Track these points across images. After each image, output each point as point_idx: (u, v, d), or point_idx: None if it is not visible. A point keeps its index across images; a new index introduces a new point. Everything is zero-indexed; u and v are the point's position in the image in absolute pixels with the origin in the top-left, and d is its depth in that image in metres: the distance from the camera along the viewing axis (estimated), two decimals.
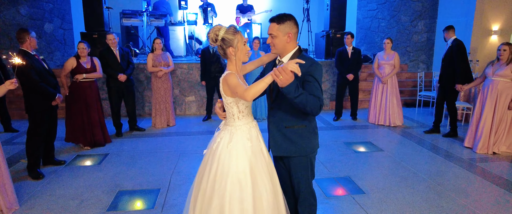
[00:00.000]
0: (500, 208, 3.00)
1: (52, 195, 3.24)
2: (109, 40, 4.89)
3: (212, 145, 2.02)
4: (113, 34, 4.92)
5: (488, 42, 7.30)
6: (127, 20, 6.70)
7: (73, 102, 4.43)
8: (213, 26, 1.91)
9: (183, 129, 5.69)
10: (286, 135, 2.03)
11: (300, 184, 2.11)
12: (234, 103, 1.95)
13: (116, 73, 4.92)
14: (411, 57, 8.55)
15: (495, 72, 4.34)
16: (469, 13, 7.20)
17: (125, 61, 5.09)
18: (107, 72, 4.95)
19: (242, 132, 1.97)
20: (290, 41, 1.96)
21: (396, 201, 3.11)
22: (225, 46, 1.90)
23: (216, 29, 1.89)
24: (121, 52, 5.07)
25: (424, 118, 6.52)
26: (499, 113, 4.36)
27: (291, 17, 1.96)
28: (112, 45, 4.92)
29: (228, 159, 1.91)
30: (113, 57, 4.94)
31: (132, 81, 5.23)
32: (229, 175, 1.88)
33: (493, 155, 4.38)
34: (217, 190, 1.89)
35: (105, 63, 4.90)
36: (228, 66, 1.97)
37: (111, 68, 4.93)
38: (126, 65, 5.09)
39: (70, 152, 4.43)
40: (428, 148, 4.69)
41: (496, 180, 3.62)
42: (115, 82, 4.98)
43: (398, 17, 8.39)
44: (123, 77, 4.95)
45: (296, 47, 2.01)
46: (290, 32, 1.94)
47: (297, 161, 2.06)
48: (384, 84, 5.83)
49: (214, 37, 1.89)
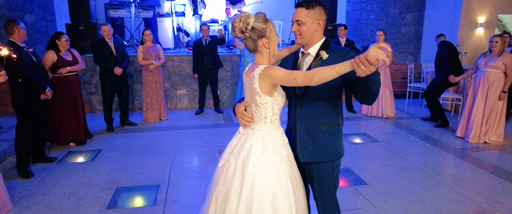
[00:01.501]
0: (497, 195, 3.08)
1: (46, 193, 3.10)
2: (104, 32, 4.72)
3: (238, 154, 1.69)
4: (107, 25, 4.75)
5: (474, 34, 7.46)
6: (114, 11, 6.46)
7: (58, 99, 4.21)
8: (239, 15, 1.62)
9: (176, 123, 5.57)
10: (317, 136, 1.74)
11: (324, 195, 1.82)
12: (270, 103, 1.66)
13: (111, 66, 4.76)
14: (400, 49, 8.66)
15: (487, 64, 4.43)
16: (457, 6, 7.33)
17: (120, 53, 4.94)
18: (102, 65, 4.78)
19: (276, 138, 1.69)
20: (319, 30, 1.71)
21: (398, 191, 3.14)
22: (257, 37, 1.61)
23: (245, 17, 1.59)
24: (116, 44, 4.91)
25: (414, 108, 6.63)
26: (490, 103, 4.47)
27: (320, 3, 1.69)
28: (107, 37, 4.76)
29: (267, 172, 1.61)
30: (108, 49, 4.78)
31: (126, 74, 5.08)
32: (270, 191, 1.59)
33: (484, 144, 4.50)
34: (257, 211, 1.58)
35: (99, 55, 4.73)
36: (258, 60, 1.69)
37: (105, 61, 4.76)
38: (121, 58, 4.93)
39: (60, 149, 4.26)
40: (422, 138, 4.77)
41: (490, 168, 3.71)
42: (109, 75, 4.81)
43: (387, 10, 8.46)
44: (119, 70, 4.80)
45: (323, 38, 1.75)
46: (321, 18, 1.68)
47: (324, 167, 1.77)
48: None
49: (244, 26, 1.58)
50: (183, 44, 8.34)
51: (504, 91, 4.39)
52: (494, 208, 2.86)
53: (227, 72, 6.73)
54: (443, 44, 5.22)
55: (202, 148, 4.32)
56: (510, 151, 4.27)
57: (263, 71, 1.61)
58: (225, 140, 4.66)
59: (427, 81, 6.71)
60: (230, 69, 6.73)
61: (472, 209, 2.83)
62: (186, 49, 7.36)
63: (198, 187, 3.24)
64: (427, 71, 6.69)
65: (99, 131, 5.02)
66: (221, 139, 4.72)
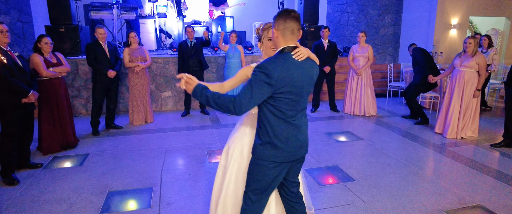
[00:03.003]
0: (475, 187, 3.28)
1: (35, 200, 3.03)
2: (99, 34, 4.74)
3: None
4: (103, 28, 4.77)
5: (448, 35, 7.84)
6: (96, 13, 6.34)
7: (43, 104, 4.12)
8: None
9: (162, 125, 5.55)
10: None
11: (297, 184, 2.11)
12: None
13: (105, 69, 4.76)
14: (379, 50, 8.95)
15: (462, 64, 4.69)
16: (432, 8, 7.67)
17: (114, 56, 4.95)
18: (96, 68, 4.77)
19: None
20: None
21: (384, 187, 3.29)
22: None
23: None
24: (110, 47, 4.91)
25: (394, 107, 6.89)
26: (465, 101, 4.73)
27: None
28: (102, 40, 4.77)
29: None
30: (102, 52, 4.78)
31: (119, 77, 5.08)
32: None
33: (461, 140, 4.76)
34: None
35: (93, 57, 4.73)
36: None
37: (99, 64, 4.76)
38: (114, 60, 4.94)
39: (47, 154, 4.15)
40: (403, 135, 4.99)
41: (468, 162, 3.94)
42: (102, 78, 4.81)
43: (366, 11, 8.73)
44: (113, 73, 4.81)
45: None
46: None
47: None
48: (359, 76, 6.07)
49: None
50: (166, 46, 8.28)
51: (478, 90, 4.66)
52: (473, 199, 3.05)
53: (212, 74, 6.75)
54: (417, 51, 5.60)
55: (192, 150, 4.34)
56: (485, 145, 4.54)
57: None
58: (213, 141, 4.70)
59: (406, 81, 7.00)
60: (215, 70, 6.76)
61: (453, 201, 3.01)
62: (170, 50, 7.32)
63: (191, 188, 3.26)
64: (406, 71, 6.97)
65: (84, 135, 4.93)
66: (210, 140, 4.75)
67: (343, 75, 7.81)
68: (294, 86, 1.74)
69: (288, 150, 1.83)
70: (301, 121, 1.87)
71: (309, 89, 1.85)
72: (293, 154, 1.86)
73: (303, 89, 1.79)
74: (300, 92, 1.78)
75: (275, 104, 1.76)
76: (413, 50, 5.71)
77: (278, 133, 1.80)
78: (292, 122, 1.81)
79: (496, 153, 4.25)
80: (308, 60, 1.82)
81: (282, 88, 1.71)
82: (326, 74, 6.17)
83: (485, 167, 3.80)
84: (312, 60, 1.87)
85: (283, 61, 1.72)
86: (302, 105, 1.86)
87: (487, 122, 5.71)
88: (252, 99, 1.68)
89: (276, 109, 1.77)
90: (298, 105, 1.81)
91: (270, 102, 1.77)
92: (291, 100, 1.77)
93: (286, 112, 1.78)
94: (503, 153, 4.26)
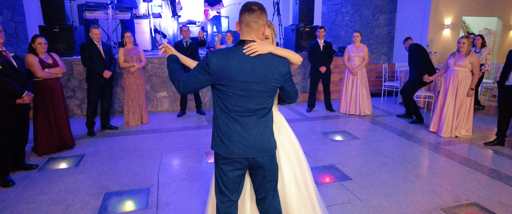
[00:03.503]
0: (470, 185, 3.33)
1: (31, 202, 3.01)
2: (94, 34, 4.72)
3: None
4: (98, 28, 4.75)
5: (442, 35, 7.92)
6: (91, 13, 6.30)
7: (39, 105, 4.08)
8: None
9: (158, 125, 5.53)
10: None
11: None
12: None
13: (101, 69, 4.75)
14: (373, 50, 9.02)
15: (456, 63, 4.75)
16: (425, 8, 7.75)
17: (108, 56, 4.93)
18: (91, 68, 4.74)
19: None
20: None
21: (381, 185, 3.32)
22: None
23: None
24: (105, 47, 4.90)
25: (389, 106, 6.94)
26: (459, 100, 4.79)
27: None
28: (96, 40, 4.75)
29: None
30: (97, 52, 4.76)
31: (113, 77, 5.07)
32: None
33: (455, 138, 4.81)
34: None
35: (88, 58, 4.71)
36: None
37: (95, 64, 4.74)
38: (109, 61, 4.93)
39: (41, 156, 4.11)
40: (398, 134, 5.03)
41: (462, 160, 3.99)
42: (97, 78, 4.79)
43: (361, 11, 8.78)
44: (108, 74, 4.80)
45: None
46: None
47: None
48: (354, 76, 6.11)
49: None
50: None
51: (472, 88, 4.71)
52: (468, 197, 3.09)
53: None
54: (413, 47, 5.52)
55: (188, 150, 4.33)
56: (478, 143, 4.59)
57: None
58: (209, 141, 4.69)
59: (400, 80, 7.05)
60: None
61: (449, 199, 3.05)
62: None
63: (189, 188, 3.26)
64: (401, 71, 7.03)
65: (80, 135, 4.90)
66: (206, 140, 4.74)
67: (339, 75, 7.85)
68: (235, 81, 1.66)
69: (230, 146, 1.75)
70: (250, 121, 1.76)
71: (263, 88, 1.71)
72: (238, 152, 1.76)
73: (251, 86, 1.68)
74: (247, 89, 1.68)
75: (221, 97, 1.74)
76: (409, 46, 5.62)
77: (221, 126, 1.77)
78: (235, 117, 1.74)
79: (489, 151, 4.31)
80: (270, 57, 1.72)
81: (221, 80, 1.68)
82: (321, 74, 6.20)
83: (479, 165, 3.85)
84: (281, 57, 1.76)
85: (228, 53, 1.68)
86: (255, 106, 1.73)
87: (481, 121, 5.79)
88: (189, 81, 1.75)
89: (221, 102, 1.75)
90: (247, 103, 1.71)
91: (217, 93, 1.76)
92: (239, 96, 1.69)
93: (230, 107, 1.72)
94: (497, 151, 4.32)
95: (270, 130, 1.85)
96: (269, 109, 1.83)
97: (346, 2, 8.73)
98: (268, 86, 1.72)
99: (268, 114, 1.83)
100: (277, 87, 1.80)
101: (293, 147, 2.19)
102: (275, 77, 1.73)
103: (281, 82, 1.77)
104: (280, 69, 1.74)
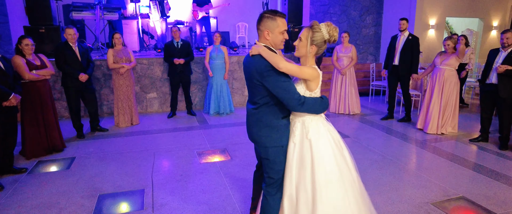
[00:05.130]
0: (457, 179, 3.44)
1: (22, 206, 2.95)
2: (68, 35, 4.48)
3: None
4: (73, 28, 4.51)
5: (427, 35, 8.13)
6: (78, 13, 6.19)
7: (27, 107, 4.00)
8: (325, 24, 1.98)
9: (149, 127, 5.48)
10: None
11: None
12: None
13: (76, 72, 4.53)
14: (361, 50, 9.17)
15: (442, 62, 4.89)
16: (411, 9, 7.94)
17: (85, 59, 4.72)
18: (66, 71, 4.53)
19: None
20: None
21: (373, 182, 3.39)
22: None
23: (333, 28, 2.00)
24: (81, 49, 4.67)
25: (377, 105, 7.09)
26: (445, 98, 4.93)
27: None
28: (71, 41, 4.51)
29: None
30: (72, 54, 4.54)
31: (91, 81, 4.88)
32: None
33: (441, 135, 4.96)
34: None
35: (63, 60, 4.49)
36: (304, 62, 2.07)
37: (70, 67, 4.53)
38: (86, 63, 4.72)
39: (30, 158, 4.03)
40: (387, 132, 5.15)
41: (449, 156, 4.12)
42: (74, 81, 4.57)
43: (348, 12, 8.92)
44: (84, 77, 4.58)
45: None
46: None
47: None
48: (343, 75, 6.21)
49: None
50: (149, 47, 8.18)
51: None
52: (456, 191, 3.20)
53: (198, 74, 6.72)
54: (415, 42, 5.39)
55: (181, 151, 4.32)
56: (464, 140, 4.75)
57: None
58: (202, 142, 4.69)
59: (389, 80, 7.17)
60: (201, 71, 6.74)
61: (439, 193, 3.15)
62: (155, 51, 7.24)
63: (184, 189, 3.26)
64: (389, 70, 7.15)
65: (69, 138, 4.81)
66: (198, 141, 4.74)
67: (327, 75, 7.96)
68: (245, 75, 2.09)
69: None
70: (249, 110, 2.14)
71: (250, 83, 2.04)
72: (247, 131, 2.20)
73: (247, 80, 2.07)
74: (247, 81, 2.08)
75: None
76: (411, 36, 5.46)
77: None
78: (247, 103, 2.20)
79: (474, 147, 4.46)
80: (255, 57, 1.95)
81: None
82: None
83: (465, 160, 3.99)
84: (258, 57, 1.94)
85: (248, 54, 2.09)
86: (251, 97, 2.12)
87: (465, 118, 5.97)
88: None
89: None
90: (249, 94, 2.13)
91: None
92: (248, 87, 2.12)
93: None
94: (481, 147, 4.48)
95: (261, 125, 2.04)
96: (260, 105, 2.03)
97: (333, 3, 8.85)
98: (252, 82, 2.00)
99: (259, 109, 2.04)
100: (260, 85, 1.96)
101: (313, 157, 1.98)
102: (254, 74, 1.96)
103: (259, 79, 1.94)
104: (257, 67, 1.94)
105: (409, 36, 5.44)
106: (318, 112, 2.00)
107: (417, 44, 5.42)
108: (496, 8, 8.84)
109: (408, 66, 5.44)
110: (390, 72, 5.68)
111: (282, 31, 1.97)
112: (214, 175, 3.57)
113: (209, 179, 3.48)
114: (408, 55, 5.41)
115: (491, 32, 9.09)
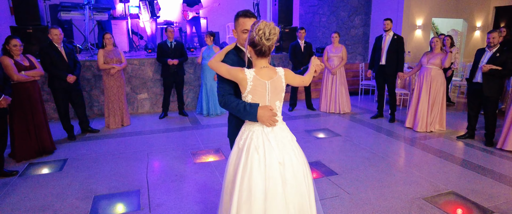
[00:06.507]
0: (447, 175, 3.55)
1: (15, 209, 2.90)
2: (54, 35, 4.39)
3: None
4: (58, 28, 4.42)
5: (414, 35, 8.31)
6: (66, 13, 6.10)
7: (16, 109, 3.92)
8: (267, 23, 1.74)
9: (140, 128, 5.45)
10: None
11: None
12: None
13: (63, 73, 4.45)
14: (350, 50, 9.31)
15: (429, 61, 5.02)
16: (399, 10, 8.11)
17: (72, 60, 4.65)
18: (53, 73, 4.45)
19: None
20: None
21: (366, 179, 3.47)
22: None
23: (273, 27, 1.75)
24: (67, 49, 4.60)
25: (367, 104, 7.21)
26: (432, 96, 5.07)
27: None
28: (57, 41, 4.43)
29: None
30: (58, 55, 4.46)
31: (79, 82, 4.80)
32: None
33: (430, 133, 5.09)
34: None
35: (49, 62, 4.40)
36: (267, 63, 1.84)
37: (56, 68, 4.45)
38: (73, 64, 4.65)
39: (20, 161, 3.96)
40: (377, 130, 5.25)
41: (438, 153, 4.24)
42: (61, 83, 4.50)
43: (337, 13, 9.05)
44: (72, 78, 4.51)
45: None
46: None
47: None
48: (334, 75, 6.30)
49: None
50: (138, 47, 8.12)
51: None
52: (446, 186, 3.30)
53: (190, 75, 6.71)
54: (400, 41, 5.53)
55: (175, 152, 4.31)
56: (451, 137, 4.89)
57: (286, 73, 1.92)
58: (195, 142, 4.69)
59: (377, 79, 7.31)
60: (193, 71, 6.73)
61: (430, 189, 3.24)
62: (145, 51, 7.19)
63: (179, 189, 3.26)
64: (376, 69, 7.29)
65: (60, 140, 4.75)
66: (192, 141, 4.74)
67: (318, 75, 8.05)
68: None
69: None
70: None
71: None
72: None
73: None
74: None
75: None
76: (396, 36, 5.56)
77: None
78: None
79: (461, 144, 4.60)
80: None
81: None
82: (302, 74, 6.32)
83: (453, 157, 4.11)
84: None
85: None
86: None
87: (452, 116, 6.14)
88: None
89: None
90: None
91: None
92: None
93: None
94: (468, 143, 4.62)
95: (232, 119, 2.09)
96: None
97: (322, 4, 8.96)
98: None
99: (228, 102, 1.89)
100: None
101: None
102: None
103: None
104: None
105: (395, 36, 5.56)
106: (244, 118, 1.87)
107: (402, 43, 5.55)
108: (480, 10, 9.11)
109: (394, 65, 5.56)
110: (378, 72, 5.78)
111: (243, 30, 1.96)
112: (209, 175, 3.58)
113: (205, 178, 3.49)
114: (394, 54, 5.53)
115: (475, 32, 9.36)
